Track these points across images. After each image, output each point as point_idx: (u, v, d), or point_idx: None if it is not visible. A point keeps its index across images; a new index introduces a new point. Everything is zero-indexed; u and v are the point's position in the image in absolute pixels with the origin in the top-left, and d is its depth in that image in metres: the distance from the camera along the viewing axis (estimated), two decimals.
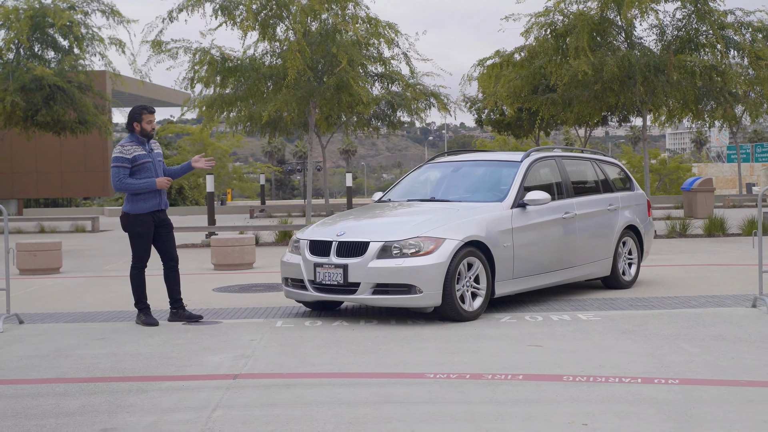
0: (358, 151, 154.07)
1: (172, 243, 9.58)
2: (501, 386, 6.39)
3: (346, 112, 25.10)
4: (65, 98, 28.12)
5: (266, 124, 32.06)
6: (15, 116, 28.19)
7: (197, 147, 49.11)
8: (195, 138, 48.96)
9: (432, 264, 8.87)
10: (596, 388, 6.28)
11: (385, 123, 35.48)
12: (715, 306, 9.91)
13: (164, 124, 56.42)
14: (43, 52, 28.92)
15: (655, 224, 24.67)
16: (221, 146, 50.15)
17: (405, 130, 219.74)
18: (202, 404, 6.05)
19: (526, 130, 30.71)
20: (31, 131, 29.53)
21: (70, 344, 8.39)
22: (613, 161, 12.20)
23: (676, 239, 20.38)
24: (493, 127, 34.68)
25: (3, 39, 28.46)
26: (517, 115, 31.18)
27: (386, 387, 6.47)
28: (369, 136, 37.58)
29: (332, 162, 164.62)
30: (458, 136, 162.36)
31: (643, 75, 19.82)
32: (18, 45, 28.16)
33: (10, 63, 28.02)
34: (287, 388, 6.48)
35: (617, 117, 28.93)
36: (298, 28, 21.03)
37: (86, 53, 28.88)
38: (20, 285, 13.53)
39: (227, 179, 51.34)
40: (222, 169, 50.63)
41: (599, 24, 19.94)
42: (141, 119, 9.37)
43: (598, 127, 32.66)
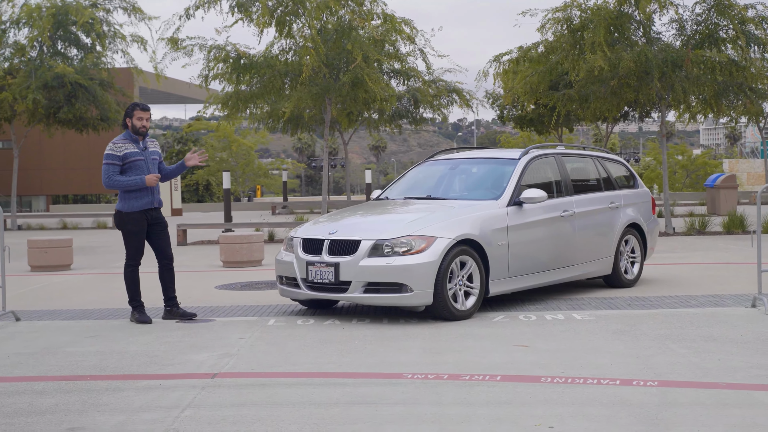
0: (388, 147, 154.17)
1: (167, 241, 9.58)
2: (476, 387, 6.34)
3: (363, 109, 25.02)
4: (87, 96, 28.31)
5: (288, 120, 32.14)
6: (38, 114, 28.41)
7: (222, 144, 49.34)
8: (220, 135, 49.13)
9: (423, 263, 8.82)
10: (572, 390, 6.21)
11: (407, 119, 35.48)
12: (714, 306, 9.79)
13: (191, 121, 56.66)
14: (66, 49, 29.13)
15: (675, 221, 24.49)
16: (246, 143, 50.29)
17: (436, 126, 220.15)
18: (174, 403, 6.04)
19: (548, 126, 30.48)
20: (54, 128, 29.75)
21: (60, 342, 8.43)
22: (617, 159, 12.09)
23: (694, 236, 20.19)
24: (515, 123, 34.47)
25: (26, 37, 28.69)
26: (538, 111, 31.00)
27: (361, 387, 6.43)
28: (391, 132, 37.56)
29: (363, 158, 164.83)
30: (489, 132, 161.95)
31: (660, 70, 19.59)
32: (41, 43, 28.37)
33: (33, 61, 28.24)
34: (262, 388, 6.46)
35: (639, 113, 28.63)
36: (313, 25, 21.02)
37: (108, 50, 29.09)
38: (28, 282, 13.64)
39: (252, 176, 51.51)
40: (247, 166, 50.78)
41: (616, 19, 19.73)
42: (132, 116, 9.39)
43: (620, 122, 32.36)
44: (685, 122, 24.94)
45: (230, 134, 48.79)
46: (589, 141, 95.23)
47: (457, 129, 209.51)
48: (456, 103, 33.15)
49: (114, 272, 14.77)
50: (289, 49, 22.02)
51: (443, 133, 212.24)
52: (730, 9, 20.19)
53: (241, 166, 50.61)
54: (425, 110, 34.81)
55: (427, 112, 35.14)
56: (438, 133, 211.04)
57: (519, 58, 22.06)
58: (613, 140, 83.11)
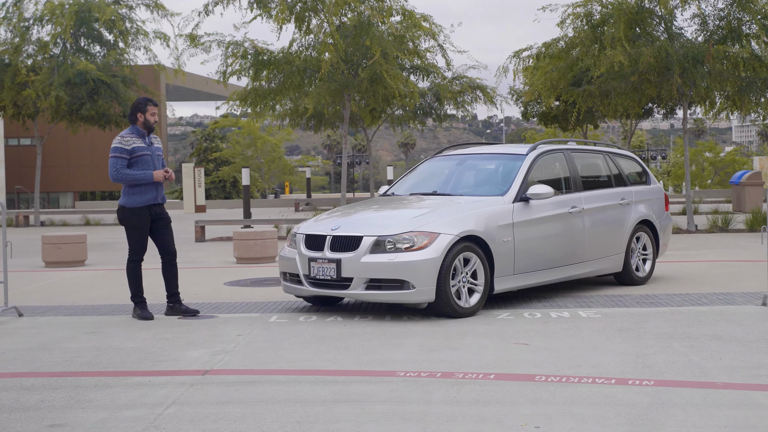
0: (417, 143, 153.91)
1: (170, 237, 9.53)
2: (467, 386, 6.23)
3: (384, 105, 24.91)
4: (109, 92, 28.42)
5: (311, 117, 32.08)
6: (61, 110, 28.55)
7: (247, 140, 49.43)
8: (245, 132, 49.23)
9: (425, 259, 8.70)
10: (565, 389, 6.08)
11: (431, 116, 35.30)
12: (724, 304, 9.61)
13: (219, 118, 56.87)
14: (89, 46, 29.26)
15: (699, 219, 24.20)
16: (271, 140, 50.34)
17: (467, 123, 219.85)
18: (160, 401, 5.97)
19: (572, 123, 30.24)
20: (77, 125, 29.88)
21: (58, 337, 8.39)
22: (629, 154, 11.91)
23: (716, 234, 19.94)
24: (539, 120, 34.23)
25: (49, 34, 28.84)
26: (563, 107, 30.76)
27: (351, 385, 6.33)
28: (415, 128, 37.40)
29: (393, 155, 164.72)
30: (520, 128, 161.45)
31: (681, 66, 19.34)
32: (63, 40, 28.50)
33: (56, 58, 28.37)
34: (251, 385, 6.38)
35: (663, 109, 28.30)
36: (332, 21, 20.94)
37: (130, 47, 29.18)
38: (39, 277, 13.66)
39: (278, 173, 51.57)
40: (273, 163, 50.83)
41: (637, 14, 19.49)
42: (146, 110, 9.36)
43: (646, 119, 32.03)
44: (711, 119, 24.63)
45: (255, 131, 48.83)
46: (618, 138, 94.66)
47: (487, 126, 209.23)
48: (480, 99, 32.94)
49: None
50: (308, 46, 21.95)
51: (473, 130, 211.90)
52: (752, 4, 19.89)
53: (267, 163, 50.65)
54: (449, 107, 34.62)
55: (451, 108, 34.96)
56: (468, 130, 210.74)
57: (539, 54, 21.82)
58: (642, 137, 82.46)
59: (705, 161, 51.19)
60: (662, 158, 48.42)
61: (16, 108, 29.45)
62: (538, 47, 22.05)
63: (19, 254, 17.92)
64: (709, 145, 52.76)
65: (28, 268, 15.16)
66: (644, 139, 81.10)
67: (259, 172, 51.51)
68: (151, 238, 9.49)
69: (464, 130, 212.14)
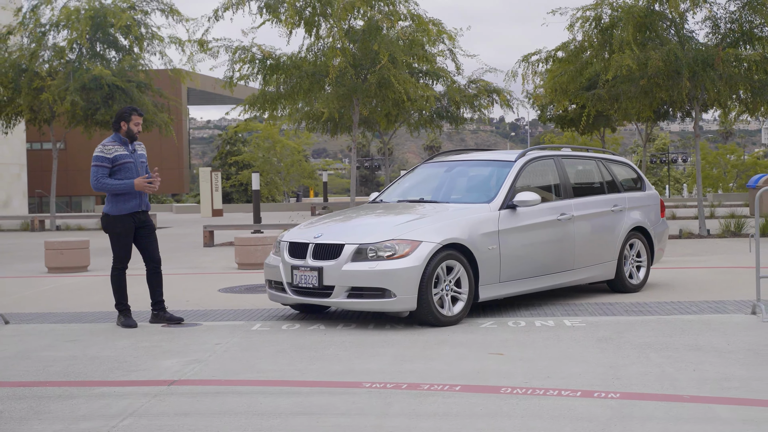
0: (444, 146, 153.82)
1: (154, 244, 9.52)
2: (430, 398, 6.16)
3: (393, 110, 24.85)
4: (124, 97, 28.53)
5: (326, 121, 32.05)
6: (77, 115, 28.69)
7: (267, 144, 49.56)
8: (264, 135, 49.35)
9: (406, 267, 8.64)
10: (527, 402, 6.00)
11: (447, 119, 35.19)
12: (713, 312, 9.48)
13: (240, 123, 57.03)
14: (104, 51, 29.38)
15: (712, 223, 23.96)
16: (290, 143, 50.41)
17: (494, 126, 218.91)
18: (118, 412, 5.94)
19: (582, 126, 30.01)
20: (92, 130, 30.01)
21: (38, 346, 8.40)
22: (624, 161, 11.79)
23: (727, 239, 19.74)
24: (555, 123, 34.03)
25: (65, 39, 29.01)
26: (578, 111, 30.56)
27: (313, 396, 6.28)
28: (432, 132, 37.29)
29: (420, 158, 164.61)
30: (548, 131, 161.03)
31: (690, 70, 19.15)
32: (79, 45, 28.64)
33: (72, 63, 28.52)
34: (214, 396, 6.34)
35: (677, 113, 28.01)
36: (340, 26, 20.91)
37: (145, 52, 29.29)
38: (38, 283, 13.71)
39: (297, 177, 51.64)
40: (292, 167, 50.91)
41: (646, 17, 19.32)
42: (130, 119, 9.36)
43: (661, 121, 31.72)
44: (730, 122, 24.40)
45: (274, 135, 48.92)
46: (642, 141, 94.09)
47: (514, 128, 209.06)
48: (497, 102, 32.83)
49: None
50: (317, 50, 21.91)
51: (500, 133, 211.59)
52: (764, 6, 19.68)
53: (286, 167, 50.72)
54: (465, 110, 34.51)
55: (467, 112, 34.84)
56: (495, 133, 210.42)
57: (548, 58, 21.70)
58: (666, 139, 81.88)
59: (727, 164, 50.71)
60: (683, 161, 48.08)
61: (32, 113, 29.65)
62: (547, 51, 21.92)
63: (26, 259, 18.05)
64: (731, 148, 52.28)
65: (30, 274, 15.23)
66: (668, 142, 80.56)
67: (279, 176, 51.62)
68: (136, 245, 9.49)
69: (491, 133, 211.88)
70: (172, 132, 30.58)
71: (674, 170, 71.86)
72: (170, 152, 56.67)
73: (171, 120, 31.01)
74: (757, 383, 6.38)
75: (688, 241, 19.16)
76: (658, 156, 52.20)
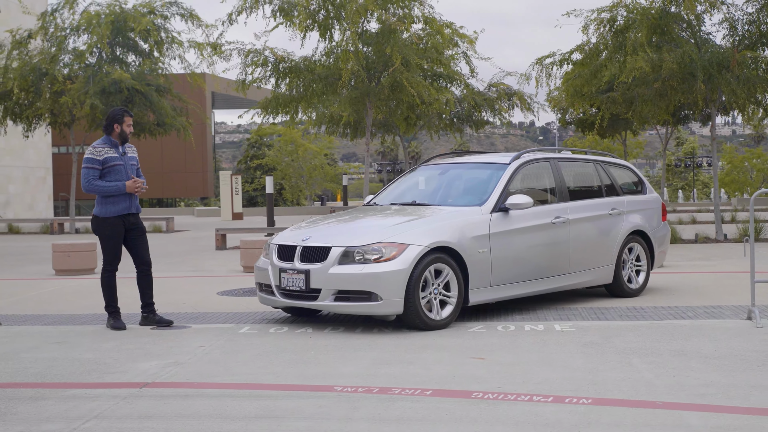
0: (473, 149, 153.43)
1: (145, 247, 9.50)
2: (399, 402, 6.08)
3: (407, 113, 24.79)
4: (143, 101, 28.65)
5: (345, 124, 32.05)
6: (96, 119, 28.83)
7: (289, 148, 49.64)
8: (287, 139, 49.44)
9: (393, 270, 8.56)
10: (495, 407, 5.90)
11: (467, 123, 35.07)
12: (708, 317, 9.33)
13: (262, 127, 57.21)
14: (124, 55, 29.52)
15: (731, 228, 23.68)
16: (312, 147, 50.47)
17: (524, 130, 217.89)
18: (83, 414, 5.91)
19: (596, 129, 29.82)
20: None
21: (23, 347, 8.39)
22: (624, 164, 11.64)
23: (743, 244, 19.44)
24: (576, 127, 33.84)
25: (86, 43, 29.18)
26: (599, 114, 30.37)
27: (281, 400, 6.22)
28: (453, 135, 37.20)
29: None
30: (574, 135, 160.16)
31: (706, 72, 18.93)
32: (99, 49, 28.79)
33: (92, 67, 28.67)
34: (182, 399, 6.30)
35: (697, 116, 27.77)
36: (353, 29, 20.87)
37: (165, 56, 29.39)
38: (42, 285, 13.75)
39: (320, 180, 51.72)
40: (314, 170, 50.97)
41: (660, 19, 19.12)
42: (122, 121, 9.36)
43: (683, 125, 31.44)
44: (761, 125, 24.12)
45: (296, 139, 49.02)
46: (671, 144, 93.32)
47: (544, 133, 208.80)
48: (517, 106, 32.70)
49: (132, 277, 14.79)
50: (330, 53, 21.88)
51: (530, 137, 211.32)
52: None
53: (309, 170, 50.78)
54: (486, 114, 34.37)
55: (488, 115, 34.69)
56: (525, 137, 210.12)
57: (562, 61, 21.51)
58: (693, 143, 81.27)
59: (753, 168, 50.18)
60: (708, 165, 47.54)
61: (53, 116, 29.83)
62: (561, 54, 21.74)
63: (38, 262, 18.14)
64: (757, 152, 51.73)
65: (37, 276, 15.30)
66: (696, 146, 79.90)
67: (302, 180, 51.72)
68: (126, 248, 9.47)
69: (521, 137, 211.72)
70: (190, 135, 30.68)
71: (702, 174, 71.25)
72: (195, 156, 56.88)
73: (190, 124, 31.12)
74: (735, 390, 6.25)
75: (703, 246, 18.95)
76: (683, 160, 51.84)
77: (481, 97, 30.81)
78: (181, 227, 32.66)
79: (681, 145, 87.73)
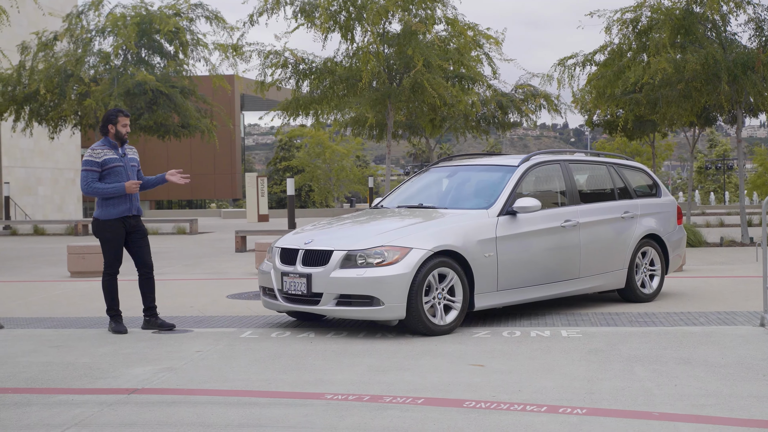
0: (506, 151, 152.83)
1: (146, 249, 9.40)
2: (388, 411, 5.92)
3: (431, 115, 24.60)
4: (168, 103, 28.69)
5: (372, 126, 31.91)
6: None
7: (317, 150, 49.63)
8: (314, 141, 49.43)
9: (395, 275, 8.40)
10: (486, 417, 5.73)
11: (493, 125, 34.82)
12: (721, 324, 9.09)
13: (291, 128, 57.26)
14: (150, 57, 29.55)
15: (754, 231, 23.27)
16: (339, 149, 50.39)
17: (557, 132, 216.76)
18: (65, 421, 5.80)
19: (619, 131, 29.42)
20: (136, 135, 30.19)
21: (20, 351, 8.31)
22: (639, 166, 11.40)
23: (755, 247, 19.09)
24: (603, 129, 33.43)
25: (111, 45, 29.26)
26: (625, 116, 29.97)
27: (268, 408, 6.08)
28: (479, 137, 36.97)
29: None
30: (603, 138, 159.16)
31: (730, 73, 18.60)
32: (125, 51, 28.85)
33: (117, 68, 28.72)
34: (169, 406, 6.17)
35: (726, 117, 27.31)
36: (374, 30, 20.73)
37: (190, 58, 29.41)
38: (54, 287, 13.71)
39: (347, 182, 51.60)
40: (342, 171, 50.90)
41: (683, 19, 18.82)
42: (117, 122, 9.25)
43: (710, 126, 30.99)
44: None
45: (324, 140, 48.98)
46: (704, 146, 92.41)
47: (578, 134, 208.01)
48: (544, 107, 32.44)
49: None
50: (352, 55, 21.75)
51: (564, 138, 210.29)
52: None
53: (336, 172, 50.71)
54: (513, 115, 34.13)
55: (515, 116, 34.45)
56: (559, 138, 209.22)
57: (585, 62, 21.26)
58: (726, 145, 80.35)
59: None
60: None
61: (78, 118, 29.94)
62: (584, 55, 21.49)
63: (55, 263, 18.15)
64: None
65: (51, 278, 15.28)
66: (728, 148, 78.98)
67: (328, 183, 51.71)
68: (127, 250, 9.38)
69: (555, 138, 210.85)
70: (214, 137, 30.67)
71: (735, 177, 70.36)
72: (224, 158, 57.03)
73: (214, 126, 31.12)
74: (736, 400, 6.04)
75: (727, 250, 18.62)
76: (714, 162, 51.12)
77: (507, 99, 30.60)
78: (205, 229, 32.66)
79: (714, 147, 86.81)
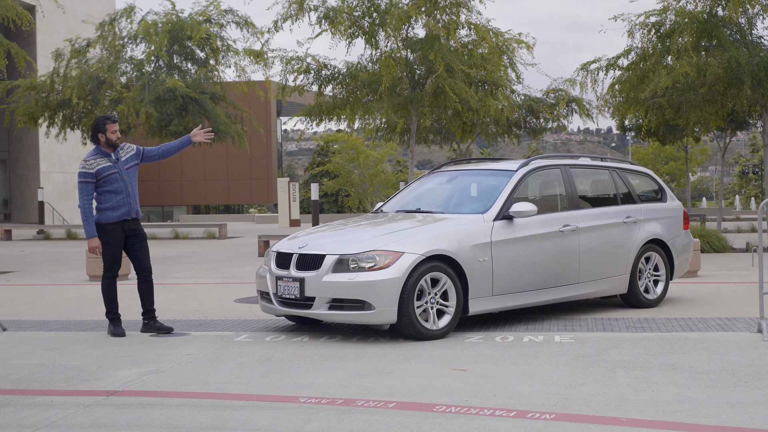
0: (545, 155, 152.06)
1: (145, 253, 9.49)
2: (355, 415, 5.94)
3: (454, 120, 24.59)
4: (198, 109, 28.89)
5: (402, 131, 31.94)
6: (152, 127, 29.15)
7: (351, 154, 49.77)
8: (348, 146, 49.55)
9: (386, 279, 8.41)
10: (453, 422, 5.73)
11: (525, 129, 34.70)
12: (719, 330, 8.99)
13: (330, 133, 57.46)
14: (181, 63, 29.80)
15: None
16: (373, 154, 50.45)
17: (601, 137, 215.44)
18: (37, 422, 5.88)
19: (643, 135, 29.16)
20: (168, 141, 30.45)
21: (16, 353, 8.43)
22: (643, 170, 11.31)
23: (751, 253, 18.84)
24: (635, 133, 33.17)
25: (143, 52, 29.56)
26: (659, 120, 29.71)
27: (239, 411, 6.12)
28: (511, 142, 36.85)
29: None
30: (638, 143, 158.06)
31: (754, 77, 18.39)
32: (157, 58, 29.13)
33: (148, 75, 29.01)
34: (141, 408, 6.24)
35: (756, 121, 26.96)
36: (396, 35, 20.76)
37: (220, 64, 29.62)
38: (68, 291, 13.88)
39: (381, 187, 51.67)
40: (375, 177, 50.98)
41: (706, 23, 18.63)
42: (105, 129, 9.33)
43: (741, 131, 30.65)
44: None
45: (358, 146, 49.09)
46: (746, 151, 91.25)
47: (622, 139, 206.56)
48: (576, 112, 32.31)
49: (161, 283, 14.84)
50: (376, 60, 21.80)
51: (606, 143, 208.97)
52: None
53: (370, 177, 50.79)
54: (544, 120, 34.02)
55: (547, 121, 34.33)
56: (603, 143, 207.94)
57: (608, 66, 21.12)
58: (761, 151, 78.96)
59: None
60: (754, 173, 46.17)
61: None
62: (608, 59, 21.35)
63: (76, 267, 18.34)
64: None
65: (68, 282, 15.46)
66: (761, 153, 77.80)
67: (362, 187, 51.77)
68: (126, 254, 9.48)
69: (598, 143, 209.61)
70: (245, 143, 30.83)
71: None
72: (260, 163, 57.32)
73: (245, 131, 31.30)
74: (709, 407, 5.98)
75: (744, 255, 18.37)
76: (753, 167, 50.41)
77: (538, 103, 30.55)
78: (236, 233, 32.85)
79: (756, 152, 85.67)
